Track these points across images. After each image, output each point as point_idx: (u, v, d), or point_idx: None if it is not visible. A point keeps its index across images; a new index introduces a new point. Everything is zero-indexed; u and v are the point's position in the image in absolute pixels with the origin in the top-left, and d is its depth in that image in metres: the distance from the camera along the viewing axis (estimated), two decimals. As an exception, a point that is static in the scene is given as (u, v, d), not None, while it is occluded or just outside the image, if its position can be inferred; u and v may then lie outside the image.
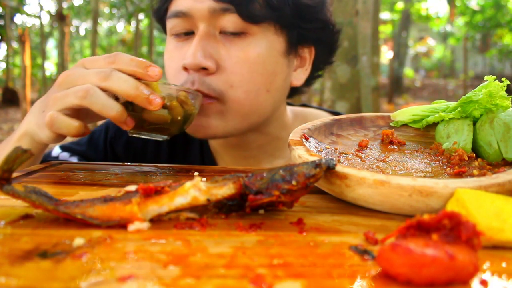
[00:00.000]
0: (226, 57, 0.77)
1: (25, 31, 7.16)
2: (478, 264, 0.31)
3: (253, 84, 0.78)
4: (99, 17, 10.98)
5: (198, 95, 0.72)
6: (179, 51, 0.80)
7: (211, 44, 0.76)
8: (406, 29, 13.57)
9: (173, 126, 0.68)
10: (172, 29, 0.81)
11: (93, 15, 8.35)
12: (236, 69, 0.76)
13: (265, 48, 0.78)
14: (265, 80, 0.79)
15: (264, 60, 0.78)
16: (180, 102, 0.67)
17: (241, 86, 0.77)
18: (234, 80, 0.77)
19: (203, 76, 0.76)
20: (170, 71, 0.82)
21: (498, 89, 0.60)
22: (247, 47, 0.77)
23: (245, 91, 0.78)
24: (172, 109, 0.66)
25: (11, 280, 0.30)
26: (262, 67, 0.78)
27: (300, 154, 0.54)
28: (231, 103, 0.78)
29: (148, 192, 0.42)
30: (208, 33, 0.77)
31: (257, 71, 0.78)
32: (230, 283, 0.30)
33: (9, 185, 0.42)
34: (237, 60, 0.77)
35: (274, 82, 0.81)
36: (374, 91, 3.90)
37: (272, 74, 0.80)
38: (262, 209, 0.47)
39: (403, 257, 0.30)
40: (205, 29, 0.76)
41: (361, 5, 3.55)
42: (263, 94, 0.80)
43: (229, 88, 0.77)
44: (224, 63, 0.76)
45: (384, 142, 0.66)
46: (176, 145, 0.98)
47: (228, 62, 0.76)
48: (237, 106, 0.78)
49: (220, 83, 0.77)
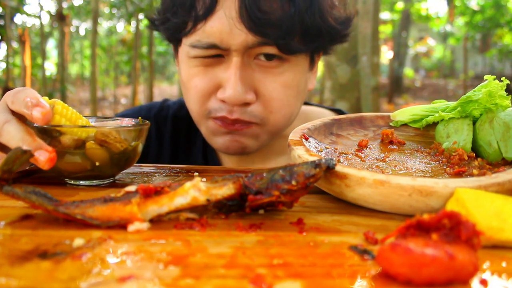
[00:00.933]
0: (263, 85, 0.77)
1: (25, 31, 7.16)
2: (478, 264, 0.31)
3: (289, 107, 0.81)
4: (99, 17, 10.98)
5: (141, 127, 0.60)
6: (206, 75, 0.77)
7: (248, 73, 0.75)
8: (406, 29, 13.57)
9: (104, 169, 0.57)
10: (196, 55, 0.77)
11: (93, 15, 8.34)
12: (274, 95, 0.78)
13: (298, 72, 0.80)
14: (298, 100, 0.83)
15: (298, 82, 0.80)
16: (100, 143, 0.55)
17: (280, 111, 0.79)
18: (273, 106, 0.78)
19: (242, 107, 0.76)
20: (194, 93, 0.79)
21: (497, 88, 0.60)
22: (283, 74, 0.78)
23: (283, 115, 0.80)
24: (88, 154, 0.55)
25: (11, 281, 0.30)
26: (296, 90, 0.81)
27: (300, 154, 0.54)
28: (269, 126, 0.80)
29: (148, 192, 0.42)
30: (245, 62, 0.75)
31: (292, 95, 0.80)
32: (230, 283, 0.30)
33: (9, 186, 0.42)
34: (275, 86, 0.77)
35: (302, 96, 0.85)
36: (374, 91, 3.89)
37: (303, 91, 0.84)
38: (262, 209, 0.47)
39: (403, 257, 0.30)
40: (241, 59, 0.74)
41: (361, 5, 3.55)
42: (295, 111, 0.84)
43: (269, 114, 0.79)
44: (263, 91, 0.77)
45: (384, 142, 0.66)
46: (179, 145, 0.97)
47: (266, 90, 0.77)
48: (274, 128, 0.81)
49: (260, 111, 0.78)
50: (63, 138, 0.54)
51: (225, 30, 0.72)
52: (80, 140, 0.55)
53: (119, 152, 0.56)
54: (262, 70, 0.77)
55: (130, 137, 0.58)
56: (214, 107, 0.77)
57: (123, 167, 0.60)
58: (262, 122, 0.79)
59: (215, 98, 0.77)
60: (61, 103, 0.57)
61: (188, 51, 0.78)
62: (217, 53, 0.75)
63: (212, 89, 0.77)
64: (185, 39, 0.78)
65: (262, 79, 0.76)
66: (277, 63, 0.76)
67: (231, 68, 0.74)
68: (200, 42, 0.74)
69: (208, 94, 0.78)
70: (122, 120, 0.66)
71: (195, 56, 0.77)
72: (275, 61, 0.76)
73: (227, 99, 0.74)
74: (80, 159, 0.55)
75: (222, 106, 0.76)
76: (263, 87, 0.77)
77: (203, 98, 0.78)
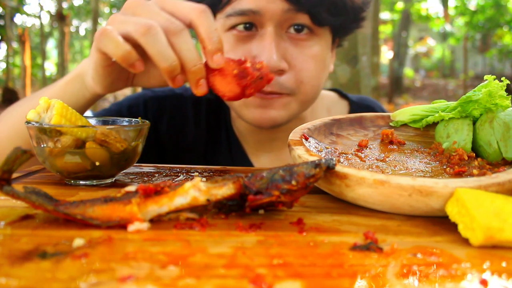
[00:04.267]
0: (294, 57, 0.81)
1: (25, 31, 7.16)
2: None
3: (317, 79, 0.85)
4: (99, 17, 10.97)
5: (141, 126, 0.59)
6: (241, 48, 0.80)
7: (281, 44, 0.79)
8: (406, 29, 13.57)
9: (104, 169, 0.57)
10: (231, 25, 0.80)
11: (93, 15, 8.35)
12: (305, 66, 0.82)
13: (324, 46, 0.85)
14: (324, 74, 0.88)
15: (324, 56, 0.86)
16: (100, 143, 0.55)
17: (309, 81, 0.83)
18: (303, 77, 0.82)
19: (278, 76, 0.79)
20: None
21: (497, 88, 0.60)
22: (312, 47, 0.82)
23: (312, 86, 0.84)
24: (88, 154, 0.55)
25: (11, 281, 0.30)
26: (323, 63, 0.86)
27: (300, 154, 0.54)
28: (299, 95, 0.84)
29: (148, 192, 0.42)
30: (277, 33, 0.79)
31: (320, 67, 0.85)
32: (230, 283, 0.30)
33: (9, 186, 0.42)
34: (305, 58, 0.82)
35: (326, 74, 0.90)
36: (374, 91, 3.90)
37: (327, 67, 0.89)
38: (262, 209, 0.47)
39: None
40: (275, 29, 0.78)
41: (361, 5, 3.55)
42: (321, 85, 0.89)
43: (300, 84, 0.83)
44: (294, 62, 0.81)
45: (384, 142, 0.66)
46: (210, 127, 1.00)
47: (298, 61, 0.81)
48: (303, 98, 0.85)
49: (291, 81, 0.81)
50: (63, 138, 0.54)
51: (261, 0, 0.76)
52: (80, 140, 0.55)
53: (119, 152, 0.56)
54: (293, 42, 0.81)
55: (130, 137, 0.58)
56: None
57: (123, 167, 0.60)
58: (293, 93, 0.83)
59: None
60: (61, 103, 0.57)
61: (223, 23, 0.81)
62: (251, 20, 0.78)
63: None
64: (220, 13, 0.81)
65: (293, 51, 0.81)
66: (306, 36, 0.82)
67: (266, 38, 0.78)
68: (235, 9, 0.78)
69: None
70: (122, 120, 0.66)
71: (230, 26, 0.80)
72: (305, 34, 0.81)
73: None
74: (80, 159, 0.55)
75: None
76: (294, 58, 0.81)
77: None
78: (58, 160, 0.55)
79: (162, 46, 0.55)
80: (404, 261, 0.35)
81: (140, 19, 0.57)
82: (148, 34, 0.55)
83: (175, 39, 0.57)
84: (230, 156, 0.98)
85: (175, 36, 0.56)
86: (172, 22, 0.57)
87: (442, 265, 0.35)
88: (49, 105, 0.57)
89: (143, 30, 0.55)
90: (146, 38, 0.55)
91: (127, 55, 0.56)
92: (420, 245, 0.39)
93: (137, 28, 0.56)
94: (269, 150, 0.97)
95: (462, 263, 0.35)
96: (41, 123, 0.56)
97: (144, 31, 0.55)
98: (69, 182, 0.59)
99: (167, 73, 0.57)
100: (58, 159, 0.55)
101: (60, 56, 9.69)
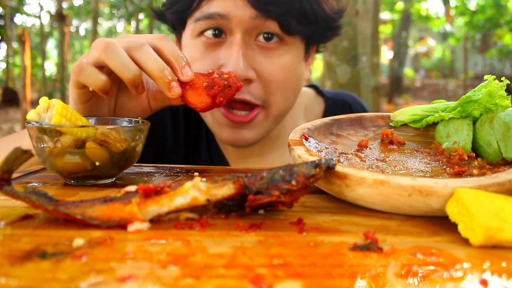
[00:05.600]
0: (263, 66, 0.79)
1: (25, 31, 7.16)
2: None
3: (287, 89, 0.83)
4: (99, 17, 10.98)
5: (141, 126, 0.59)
6: (210, 55, 0.80)
7: (249, 52, 0.78)
8: (406, 29, 13.57)
9: (104, 169, 0.57)
10: (200, 30, 0.79)
11: (93, 15, 8.35)
12: (274, 77, 0.80)
13: (295, 56, 0.83)
14: (295, 84, 0.85)
15: (295, 66, 0.83)
16: (100, 143, 0.55)
17: (278, 93, 0.82)
18: (272, 88, 0.81)
19: (246, 86, 0.78)
20: None
21: (497, 88, 0.60)
22: (282, 56, 0.81)
23: (281, 97, 0.83)
24: (88, 154, 0.55)
25: (11, 281, 0.30)
26: (293, 73, 0.83)
27: (300, 154, 0.54)
28: (271, 109, 0.83)
29: (148, 192, 0.42)
30: (245, 41, 0.78)
31: (290, 79, 0.83)
32: (230, 283, 0.30)
33: (9, 186, 0.42)
34: (274, 68, 0.80)
35: (300, 84, 0.87)
36: (374, 91, 3.89)
37: (299, 78, 0.86)
38: (262, 209, 0.47)
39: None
40: (242, 37, 0.77)
41: (361, 5, 3.55)
42: (293, 97, 0.86)
43: (269, 96, 0.81)
44: (262, 72, 0.79)
45: (384, 142, 0.66)
46: (190, 139, 0.99)
47: (266, 70, 0.80)
48: (275, 112, 0.84)
49: (261, 91, 0.80)
50: (63, 138, 0.54)
51: (229, 5, 0.75)
52: (80, 140, 0.55)
53: (119, 152, 0.56)
54: (262, 51, 0.80)
55: (130, 137, 0.58)
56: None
57: (123, 167, 0.60)
58: (265, 104, 0.81)
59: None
60: (61, 103, 0.57)
61: (192, 28, 0.80)
62: (219, 25, 0.77)
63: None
64: (190, 19, 0.81)
65: (262, 60, 0.79)
66: (276, 45, 0.80)
67: (234, 46, 0.77)
68: (203, 13, 0.77)
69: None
70: (122, 120, 0.66)
71: (199, 31, 0.80)
72: (274, 42, 0.80)
73: None
74: (80, 159, 0.55)
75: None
76: (263, 68, 0.79)
77: None
78: (58, 160, 0.55)
79: (123, 58, 0.60)
80: (404, 261, 0.35)
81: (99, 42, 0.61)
82: (108, 49, 0.59)
83: (136, 53, 0.60)
84: (211, 163, 0.97)
85: (136, 50, 0.60)
86: (132, 41, 0.61)
87: (442, 265, 0.35)
88: (49, 105, 0.57)
89: (103, 47, 0.60)
90: (107, 54, 0.59)
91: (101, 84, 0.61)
92: (420, 245, 0.39)
93: (99, 48, 0.60)
94: (249, 156, 0.96)
95: (462, 263, 0.35)
96: (41, 123, 0.56)
97: (104, 48, 0.59)
98: (69, 182, 0.58)
99: (130, 83, 0.61)
100: (58, 159, 0.55)
101: (60, 56, 9.69)
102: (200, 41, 0.80)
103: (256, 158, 0.96)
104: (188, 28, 0.82)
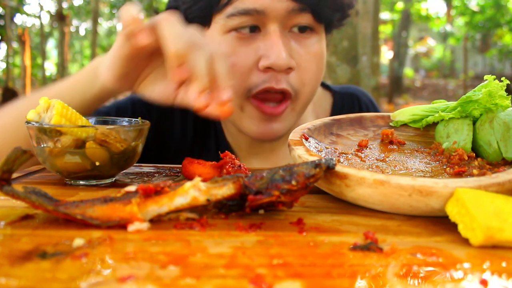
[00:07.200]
0: (300, 56, 0.79)
1: (25, 31, 7.16)
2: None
3: (317, 80, 0.83)
4: (99, 17, 10.98)
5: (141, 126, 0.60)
6: (244, 49, 0.77)
7: (286, 42, 0.78)
8: (406, 29, 13.57)
9: (104, 169, 0.57)
10: (234, 26, 0.77)
11: (93, 15, 8.35)
12: (308, 66, 0.80)
13: (323, 44, 0.84)
14: (322, 74, 0.85)
15: (324, 54, 0.84)
16: (100, 143, 0.55)
17: (311, 83, 0.82)
18: (306, 78, 0.81)
19: (285, 75, 0.77)
20: (237, 70, 0.78)
21: (497, 88, 0.60)
22: (315, 45, 0.81)
23: (311, 88, 0.83)
24: (88, 154, 0.55)
25: (11, 281, 0.30)
26: (323, 63, 0.84)
27: (299, 154, 0.54)
28: (301, 100, 0.82)
29: (148, 192, 0.42)
30: (282, 32, 0.77)
31: (321, 67, 0.83)
32: (230, 283, 0.30)
33: (9, 186, 0.42)
34: (309, 57, 0.80)
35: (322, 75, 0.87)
36: (374, 91, 3.90)
37: (324, 67, 0.86)
38: (262, 209, 0.47)
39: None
40: (280, 28, 0.77)
41: (361, 5, 3.55)
42: (317, 88, 0.86)
43: (302, 86, 0.81)
44: (299, 62, 0.79)
45: (384, 142, 0.66)
46: (197, 133, 0.96)
47: (302, 59, 0.79)
48: (301, 104, 0.83)
49: (297, 81, 0.80)
50: (63, 138, 0.54)
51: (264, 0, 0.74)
52: (80, 140, 0.55)
53: (119, 152, 0.56)
54: (297, 41, 0.79)
55: (130, 137, 0.58)
56: (256, 81, 0.77)
57: (123, 167, 0.60)
58: (296, 96, 0.81)
59: (256, 72, 0.77)
60: (61, 103, 0.57)
61: (223, 24, 0.77)
62: (254, 22, 0.76)
63: (252, 63, 0.77)
64: (219, 14, 0.78)
65: (298, 50, 0.79)
66: (308, 34, 0.80)
67: (273, 36, 0.76)
68: (238, 9, 0.75)
69: (248, 69, 0.77)
70: (122, 120, 0.66)
71: (231, 28, 0.77)
72: (307, 32, 0.80)
73: (275, 64, 0.74)
74: (80, 159, 0.55)
75: (265, 77, 0.77)
76: (300, 57, 0.79)
77: (243, 75, 0.78)
78: (58, 160, 0.55)
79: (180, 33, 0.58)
80: (404, 261, 0.35)
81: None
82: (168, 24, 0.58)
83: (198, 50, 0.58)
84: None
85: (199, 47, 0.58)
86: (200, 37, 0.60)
87: (442, 265, 0.35)
88: (49, 105, 0.57)
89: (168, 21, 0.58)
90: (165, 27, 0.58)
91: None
92: (420, 245, 0.39)
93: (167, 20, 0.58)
94: (260, 152, 0.95)
95: (462, 263, 0.35)
96: (41, 123, 0.56)
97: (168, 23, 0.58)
98: (69, 182, 0.58)
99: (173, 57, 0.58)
100: (58, 159, 0.55)
101: (60, 56, 9.70)
102: (232, 36, 0.78)
103: (267, 154, 0.95)
104: (216, 24, 0.79)
